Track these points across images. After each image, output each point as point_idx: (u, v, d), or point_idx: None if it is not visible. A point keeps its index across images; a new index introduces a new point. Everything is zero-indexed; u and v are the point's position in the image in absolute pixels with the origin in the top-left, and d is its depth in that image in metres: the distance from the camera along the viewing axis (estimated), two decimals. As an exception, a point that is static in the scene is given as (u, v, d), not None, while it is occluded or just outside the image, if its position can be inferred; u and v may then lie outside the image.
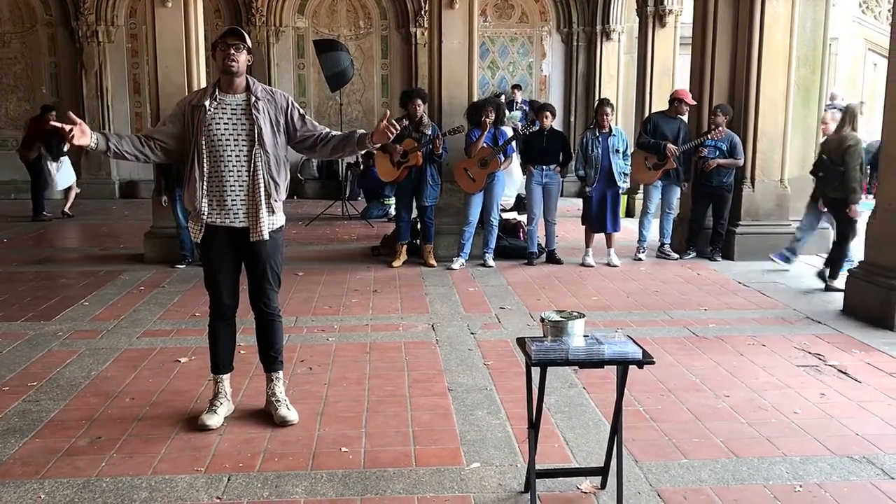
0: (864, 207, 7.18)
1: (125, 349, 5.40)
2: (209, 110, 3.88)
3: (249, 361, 4.75)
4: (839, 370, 4.98)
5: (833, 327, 5.97)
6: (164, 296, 6.91)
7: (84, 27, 14.13)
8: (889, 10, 15.78)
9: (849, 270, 6.56)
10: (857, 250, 7.03)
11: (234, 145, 3.89)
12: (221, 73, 3.92)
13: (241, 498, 3.33)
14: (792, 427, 4.08)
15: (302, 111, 4.12)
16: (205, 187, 3.90)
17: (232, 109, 3.91)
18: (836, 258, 7.27)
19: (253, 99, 3.92)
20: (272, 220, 3.98)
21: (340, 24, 14.89)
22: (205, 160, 3.89)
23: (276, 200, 3.98)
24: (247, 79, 3.97)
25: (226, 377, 4.21)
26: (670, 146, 8.33)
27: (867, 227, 6.47)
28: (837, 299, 6.60)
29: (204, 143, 3.88)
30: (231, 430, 4.03)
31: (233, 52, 3.85)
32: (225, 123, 3.89)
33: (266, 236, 3.95)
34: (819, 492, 3.40)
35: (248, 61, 3.94)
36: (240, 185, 3.91)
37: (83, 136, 3.65)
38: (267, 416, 4.14)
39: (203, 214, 3.92)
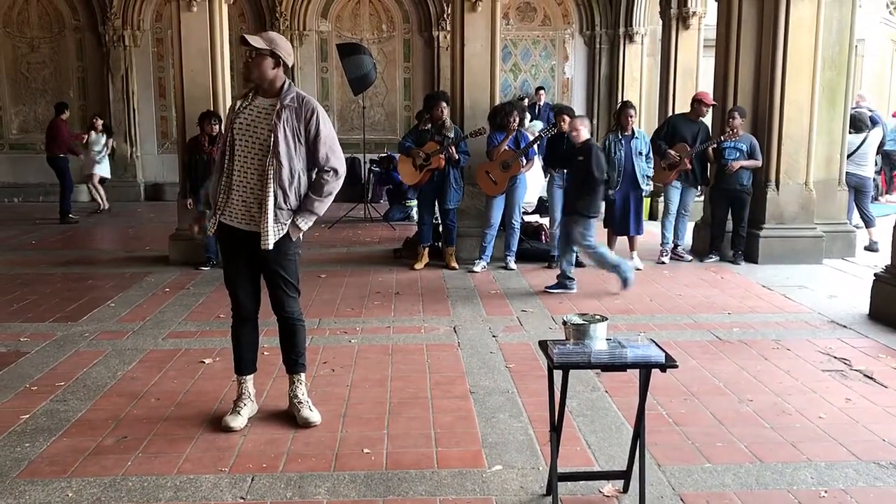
0: (887, 210, 7.08)
1: (151, 350, 5.46)
2: (236, 109, 3.94)
3: (273, 363, 4.79)
4: (865, 375, 4.93)
5: (858, 331, 5.90)
6: (188, 297, 6.98)
7: (111, 32, 14.31)
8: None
9: (875, 274, 6.49)
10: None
11: (249, 149, 3.90)
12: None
13: (265, 498, 3.36)
14: (817, 432, 4.05)
15: (324, 136, 3.95)
16: (223, 183, 3.95)
17: (258, 113, 3.92)
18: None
19: (278, 106, 3.89)
20: (278, 230, 3.94)
21: (363, 27, 14.96)
22: (227, 157, 3.93)
23: (284, 210, 3.93)
24: (283, 84, 3.93)
25: (249, 378, 4.24)
26: (670, 151, 8.32)
27: (893, 231, 6.39)
28: (864, 304, 6.51)
29: (229, 140, 3.92)
30: (255, 430, 4.06)
31: (250, 59, 3.87)
32: (247, 126, 3.91)
33: (270, 246, 3.91)
34: (845, 498, 3.36)
35: (276, 66, 3.88)
36: (250, 190, 3.91)
37: (202, 225, 4.14)
38: (290, 418, 4.17)
39: (218, 210, 3.98)
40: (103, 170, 12.88)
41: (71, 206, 12.05)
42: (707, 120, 8.75)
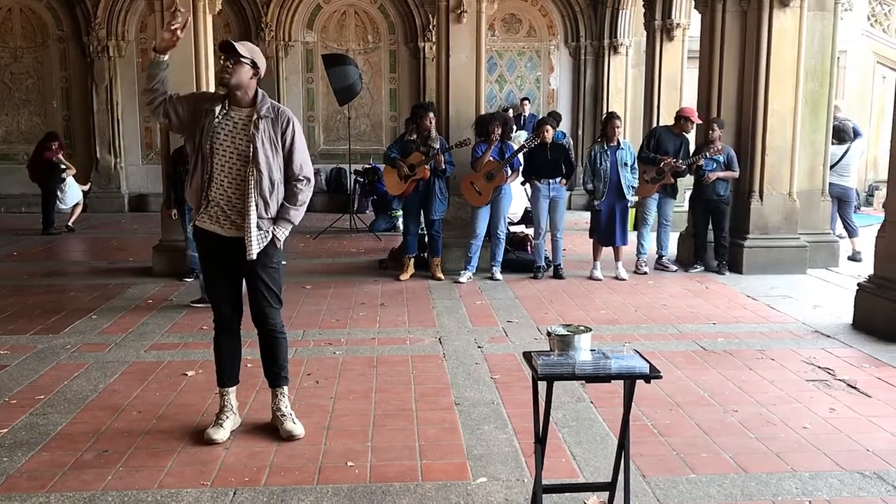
0: (870, 220, 7.12)
1: (133, 362, 5.40)
2: (217, 118, 3.89)
3: (256, 375, 4.74)
4: (849, 385, 4.94)
5: (843, 341, 5.93)
6: (171, 309, 6.93)
7: (95, 42, 14.24)
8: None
9: (858, 284, 6.52)
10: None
11: (229, 159, 3.88)
12: (218, 85, 3.95)
13: (247, 512, 3.33)
14: (801, 442, 4.05)
15: (298, 145, 3.99)
16: (203, 192, 3.92)
17: (234, 124, 3.90)
18: None
19: (255, 117, 3.90)
20: (261, 238, 3.93)
21: (349, 38, 14.97)
22: (207, 165, 3.89)
23: (265, 219, 3.94)
24: (257, 94, 3.95)
25: (231, 390, 4.21)
26: (667, 161, 8.35)
27: (876, 242, 6.43)
28: (848, 313, 6.54)
29: (208, 149, 3.88)
30: (237, 443, 4.03)
31: (229, 65, 3.85)
32: (225, 136, 3.89)
33: (255, 256, 3.91)
34: (829, 508, 3.37)
35: (254, 76, 3.90)
36: (229, 200, 3.90)
37: (172, 40, 3.80)
38: (273, 430, 4.14)
39: (198, 214, 3.95)
40: (72, 199, 12.24)
41: (54, 217, 11.93)
42: (691, 135, 8.81)
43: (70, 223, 12.10)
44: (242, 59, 3.85)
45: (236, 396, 4.26)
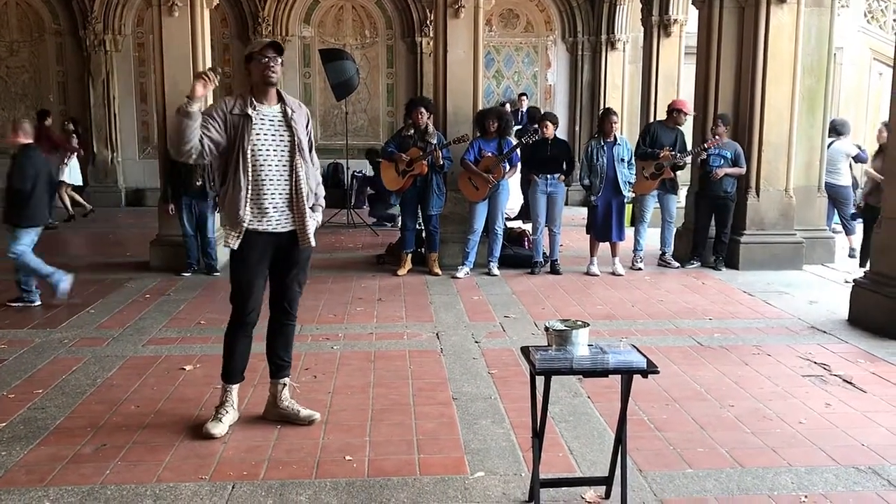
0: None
1: (131, 357, 5.41)
2: (253, 121, 3.95)
3: (253, 369, 4.73)
4: (844, 380, 4.97)
5: (838, 337, 5.95)
6: (169, 304, 6.93)
7: (91, 36, 14.20)
8: (895, 20, 15.76)
9: (854, 280, 6.54)
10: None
11: (274, 155, 3.99)
12: (261, 84, 3.98)
13: (246, 506, 3.34)
14: (797, 437, 4.07)
15: (313, 136, 4.27)
16: (249, 196, 3.95)
17: (270, 120, 4.00)
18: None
19: (289, 111, 4.05)
20: (312, 225, 4.13)
21: (346, 33, 14.95)
22: (249, 169, 3.93)
23: (310, 207, 4.13)
24: (278, 90, 4.10)
25: (235, 387, 4.22)
26: (665, 153, 8.36)
27: (873, 237, 6.45)
28: (844, 309, 6.57)
29: (250, 152, 3.93)
30: (235, 437, 4.03)
31: (272, 63, 3.95)
32: (265, 134, 3.98)
33: (314, 243, 4.12)
34: (824, 502, 3.39)
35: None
36: (282, 194, 4.01)
37: (202, 92, 3.84)
38: (271, 424, 4.15)
39: (244, 222, 3.96)
40: (72, 178, 12.46)
41: (52, 211, 11.90)
42: (687, 127, 8.82)
43: (86, 204, 12.63)
44: (281, 59, 4.03)
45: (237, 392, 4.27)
